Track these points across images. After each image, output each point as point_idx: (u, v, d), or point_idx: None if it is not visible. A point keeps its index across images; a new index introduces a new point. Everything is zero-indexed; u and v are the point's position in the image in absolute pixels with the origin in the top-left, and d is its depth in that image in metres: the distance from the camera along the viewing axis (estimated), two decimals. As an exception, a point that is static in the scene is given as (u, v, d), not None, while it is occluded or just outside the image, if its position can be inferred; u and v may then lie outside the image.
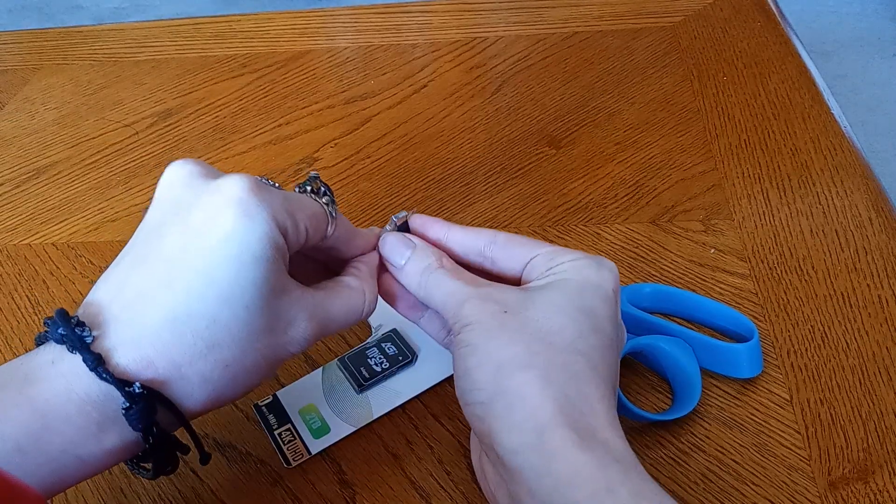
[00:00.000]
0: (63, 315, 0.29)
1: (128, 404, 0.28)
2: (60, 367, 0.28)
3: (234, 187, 0.30)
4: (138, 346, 0.29)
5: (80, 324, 0.29)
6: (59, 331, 0.29)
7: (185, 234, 0.30)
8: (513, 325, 0.29)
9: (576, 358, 0.29)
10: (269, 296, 0.30)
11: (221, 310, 0.29)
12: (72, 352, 0.28)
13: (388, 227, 0.36)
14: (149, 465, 0.31)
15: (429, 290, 0.33)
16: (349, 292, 0.34)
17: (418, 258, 0.34)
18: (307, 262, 0.36)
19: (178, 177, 0.31)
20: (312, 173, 0.35)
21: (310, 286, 0.33)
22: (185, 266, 0.29)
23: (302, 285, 0.33)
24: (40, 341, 0.30)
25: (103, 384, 0.28)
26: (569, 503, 0.26)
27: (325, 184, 0.35)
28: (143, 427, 0.29)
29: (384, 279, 0.36)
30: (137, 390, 0.28)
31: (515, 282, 0.33)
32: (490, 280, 0.33)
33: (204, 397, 0.30)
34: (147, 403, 0.29)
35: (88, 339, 0.29)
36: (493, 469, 0.30)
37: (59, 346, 0.29)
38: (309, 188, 0.34)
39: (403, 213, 0.37)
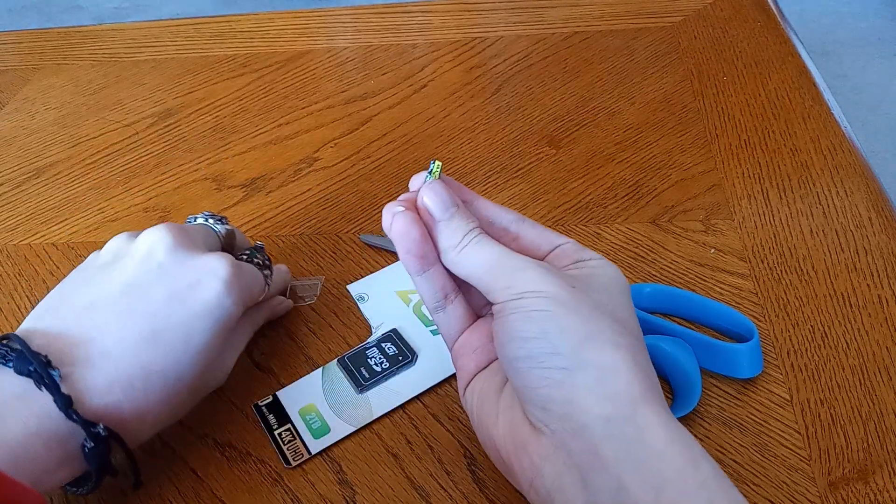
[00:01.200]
0: (27, 348, 0.31)
1: (92, 444, 0.31)
2: (31, 405, 0.30)
3: (221, 268, 0.36)
4: (111, 391, 0.32)
5: (48, 361, 0.31)
6: (29, 367, 0.31)
7: (171, 297, 0.34)
8: (587, 302, 0.29)
9: (644, 346, 0.30)
10: (220, 350, 0.36)
11: (191, 367, 0.34)
12: (39, 387, 0.30)
13: (427, 174, 0.34)
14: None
15: (471, 251, 0.32)
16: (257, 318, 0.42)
17: (465, 216, 0.33)
18: None
19: (161, 242, 0.36)
20: (258, 244, 0.43)
21: None
22: (167, 326, 0.34)
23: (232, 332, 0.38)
24: None
25: (70, 423, 0.31)
26: (657, 473, 0.26)
27: (267, 255, 0.42)
28: (97, 465, 0.32)
29: (401, 219, 0.32)
30: (102, 432, 0.31)
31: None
32: None
33: (148, 436, 0.35)
34: (107, 444, 0.32)
35: (57, 379, 0.31)
36: (542, 441, 0.29)
37: (22, 377, 0.31)
38: (256, 259, 0.41)
39: (439, 164, 0.34)
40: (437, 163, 0.33)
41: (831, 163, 0.52)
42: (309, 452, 0.38)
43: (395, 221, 0.32)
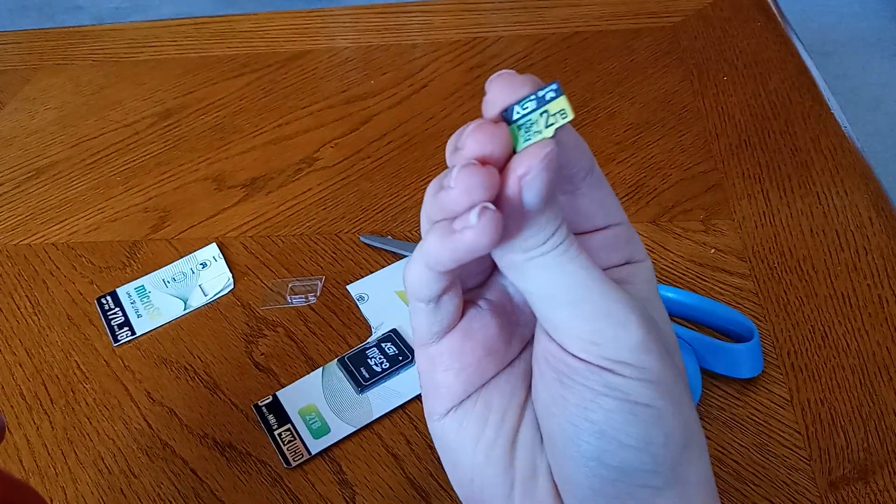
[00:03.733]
0: None
1: None
2: None
3: None
4: None
5: None
6: None
7: None
8: (680, 380, 0.23)
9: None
10: None
11: None
12: None
13: (534, 101, 0.19)
14: None
15: (552, 264, 0.21)
16: None
17: (557, 208, 0.21)
18: None
19: None
20: None
21: None
22: None
23: None
24: None
25: None
26: None
27: None
28: None
29: (492, 224, 0.20)
30: None
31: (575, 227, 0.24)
32: None
33: None
34: None
35: None
36: None
37: None
38: None
39: (565, 108, 0.19)
40: (562, 103, 0.19)
41: (831, 163, 0.52)
42: (309, 452, 0.38)
43: (482, 223, 0.20)
